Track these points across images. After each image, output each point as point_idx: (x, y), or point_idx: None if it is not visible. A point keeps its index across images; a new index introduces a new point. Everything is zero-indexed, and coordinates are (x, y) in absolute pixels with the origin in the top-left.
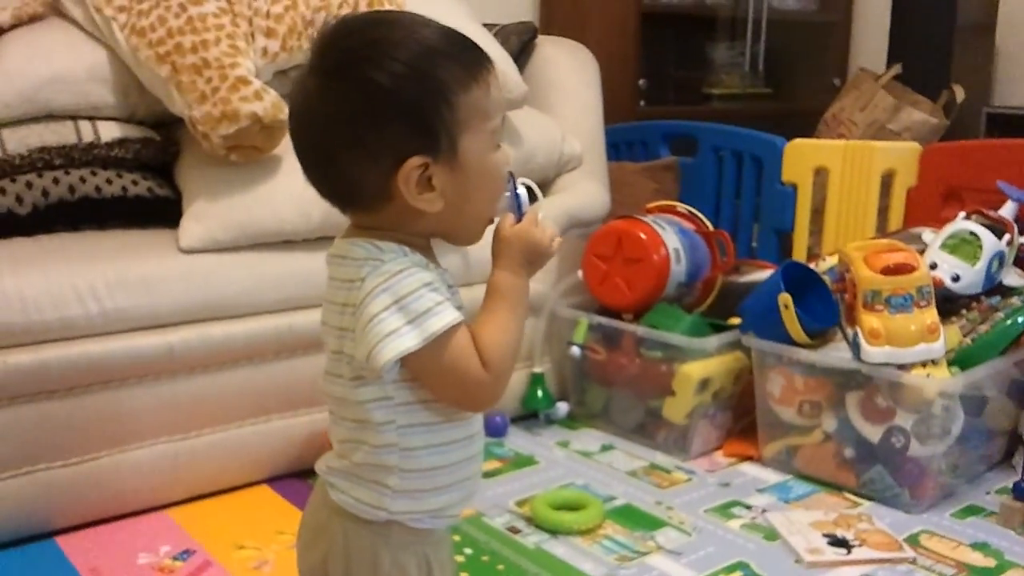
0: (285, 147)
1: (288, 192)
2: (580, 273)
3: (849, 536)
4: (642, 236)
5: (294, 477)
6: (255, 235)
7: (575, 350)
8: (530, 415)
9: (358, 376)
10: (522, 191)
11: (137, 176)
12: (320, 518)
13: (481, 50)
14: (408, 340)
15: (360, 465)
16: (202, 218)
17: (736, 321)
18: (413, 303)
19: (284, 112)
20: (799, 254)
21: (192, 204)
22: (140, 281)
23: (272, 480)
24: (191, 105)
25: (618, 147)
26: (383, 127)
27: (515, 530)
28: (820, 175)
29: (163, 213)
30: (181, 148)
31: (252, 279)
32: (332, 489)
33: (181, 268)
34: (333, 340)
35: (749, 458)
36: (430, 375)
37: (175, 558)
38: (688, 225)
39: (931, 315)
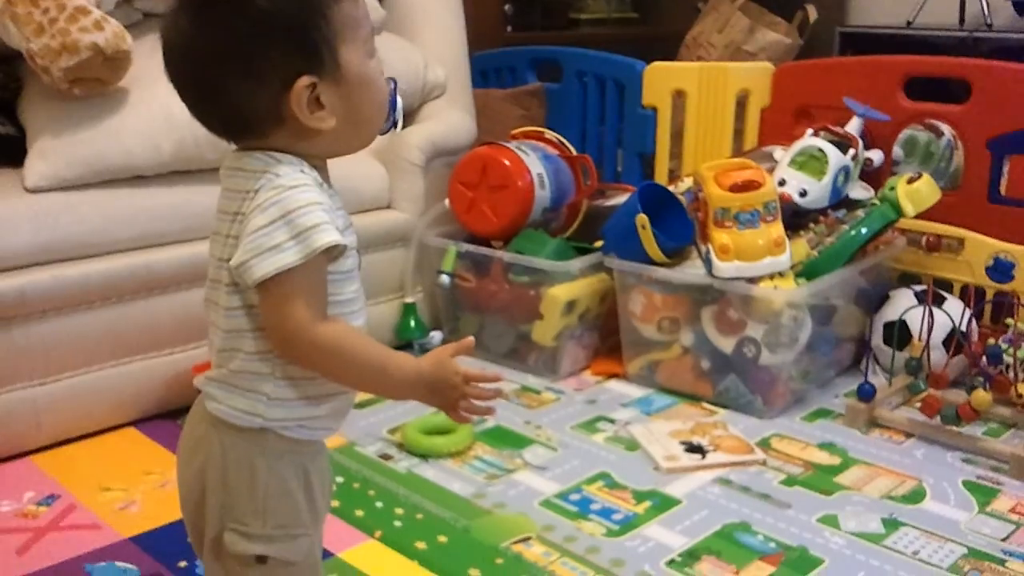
0: (130, 79)
1: (136, 126)
2: (447, 202)
3: (704, 442)
4: (506, 163)
5: (161, 418)
6: (103, 171)
7: (444, 279)
8: (404, 345)
9: (234, 283)
10: (399, 99)
11: None
12: (198, 431)
13: None
14: (288, 256)
15: (236, 373)
16: (47, 156)
17: (600, 243)
18: (300, 217)
19: (127, 42)
20: (660, 176)
21: (36, 141)
22: None
23: (139, 422)
24: (28, 38)
25: (486, 74)
26: (267, 50)
27: (387, 457)
28: (679, 98)
29: (7, 152)
30: (23, 84)
31: (103, 217)
32: (209, 399)
33: (28, 208)
34: (218, 248)
35: (615, 375)
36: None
37: (39, 504)
38: (552, 151)
39: (777, 229)
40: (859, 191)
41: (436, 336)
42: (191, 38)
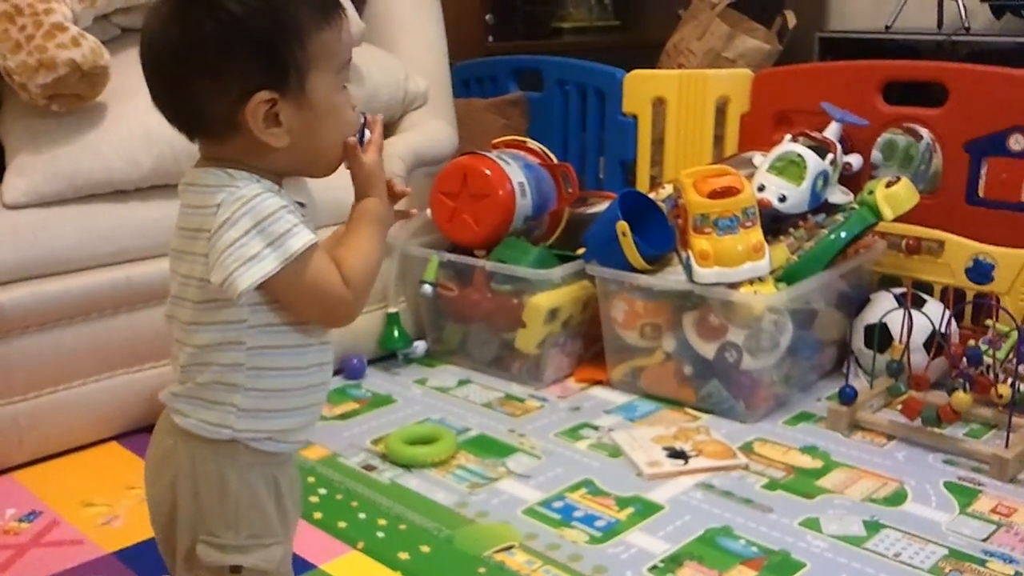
0: (109, 94)
1: (115, 140)
2: (428, 211)
3: (687, 448)
4: (487, 172)
5: (144, 432)
6: (83, 187)
7: (426, 288)
8: (389, 355)
9: (211, 299)
10: (368, 133)
11: None
12: (165, 446)
13: None
14: (268, 264)
15: (204, 386)
16: (25, 171)
17: (582, 251)
18: (271, 225)
19: (104, 58)
20: (642, 184)
21: (15, 157)
22: None
23: (121, 436)
24: (5, 55)
25: (468, 84)
26: (233, 57)
27: (370, 467)
28: (659, 105)
29: None
30: (1, 100)
31: (83, 232)
32: (176, 414)
33: (6, 225)
34: (185, 266)
35: (599, 382)
36: (291, 295)
37: (21, 520)
38: (533, 159)
39: (756, 235)
40: (838, 195)
41: (420, 346)
42: (166, 29)
